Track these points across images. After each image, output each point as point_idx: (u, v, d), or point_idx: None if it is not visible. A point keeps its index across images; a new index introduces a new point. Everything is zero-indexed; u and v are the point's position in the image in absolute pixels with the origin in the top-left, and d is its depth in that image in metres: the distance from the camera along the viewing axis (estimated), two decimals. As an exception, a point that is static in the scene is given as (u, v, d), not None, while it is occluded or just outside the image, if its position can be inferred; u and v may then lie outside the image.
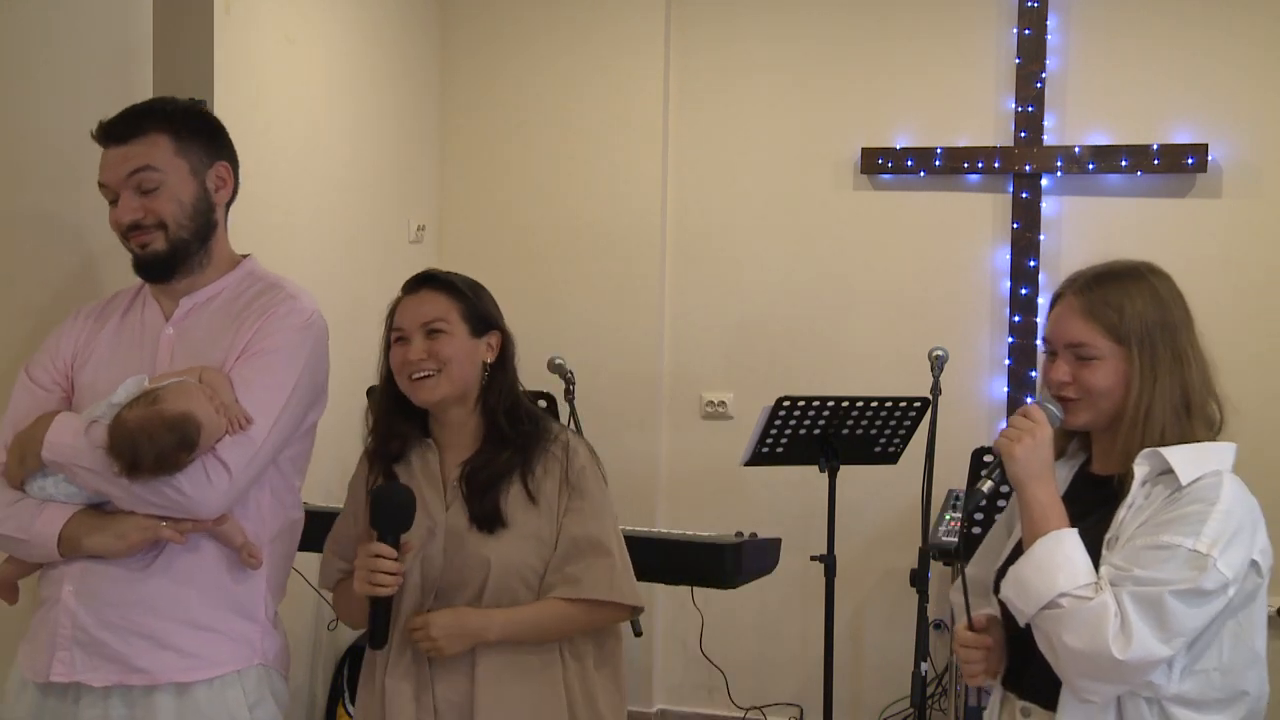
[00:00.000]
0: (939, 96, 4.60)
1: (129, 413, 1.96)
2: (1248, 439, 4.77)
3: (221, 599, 2.11)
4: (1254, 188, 4.36)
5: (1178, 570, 1.73)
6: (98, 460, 1.98)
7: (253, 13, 3.71)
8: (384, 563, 2.09)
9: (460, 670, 2.19)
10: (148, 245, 2.12)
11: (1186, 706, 1.79)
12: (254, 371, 2.09)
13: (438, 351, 2.21)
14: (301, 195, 4.04)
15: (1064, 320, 1.92)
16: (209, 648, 2.09)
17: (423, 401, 2.23)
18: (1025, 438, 1.86)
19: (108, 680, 2.04)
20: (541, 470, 2.23)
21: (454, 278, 2.32)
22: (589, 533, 2.22)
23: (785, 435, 3.73)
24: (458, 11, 4.98)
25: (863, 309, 4.68)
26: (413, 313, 2.26)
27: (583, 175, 4.86)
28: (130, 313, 2.23)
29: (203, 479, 2.00)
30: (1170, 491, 1.82)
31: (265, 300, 2.18)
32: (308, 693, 4.17)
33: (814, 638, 4.39)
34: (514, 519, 2.20)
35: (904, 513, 4.49)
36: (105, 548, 2.02)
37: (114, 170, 2.11)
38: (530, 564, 2.20)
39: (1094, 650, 1.72)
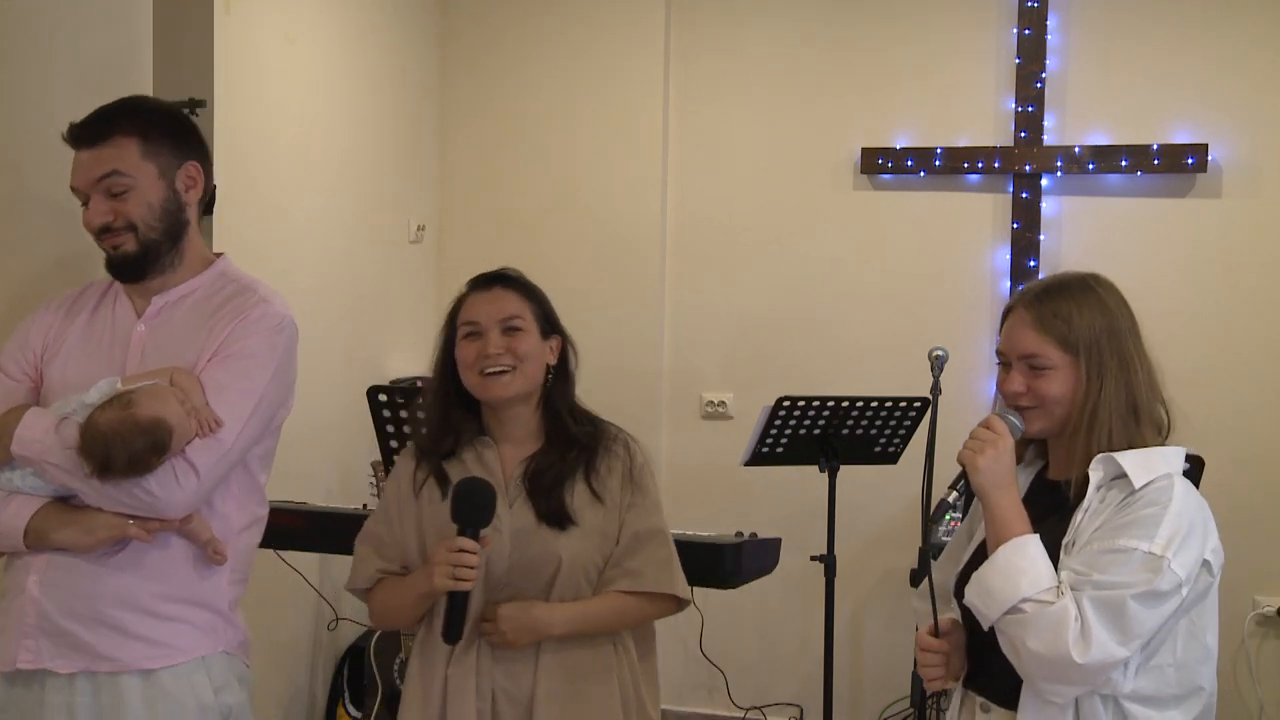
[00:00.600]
0: (939, 96, 4.60)
1: (102, 415, 1.98)
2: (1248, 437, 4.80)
3: (186, 592, 2.14)
4: (1254, 188, 4.36)
5: (1134, 573, 1.78)
6: (68, 459, 2.01)
7: (253, 13, 3.72)
8: (468, 556, 2.11)
9: (523, 664, 2.22)
10: (119, 246, 2.15)
11: (1142, 703, 1.84)
12: (226, 375, 2.11)
13: (515, 348, 2.24)
14: (301, 195, 4.04)
15: (1016, 332, 1.99)
16: (174, 636, 2.12)
17: (494, 397, 2.25)
18: (988, 449, 1.94)
19: (73, 668, 2.07)
20: (605, 468, 2.27)
21: (526, 279, 2.36)
22: (650, 526, 2.28)
23: (785, 435, 3.73)
24: (458, 11, 4.98)
25: (862, 309, 4.68)
26: (489, 308, 2.27)
27: (583, 175, 4.86)
28: (101, 308, 2.24)
29: (171, 481, 2.03)
30: (1124, 495, 1.86)
31: (238, 302, 2.19)
32: (308, 693, 4.17)
33: (814, 638, 4.39)
34: (581, 516, 2.23)
35: (904, 513, 4.49)
36: (72, 542, 2.05)
37: (84, 174, 2.14)
38: (595, 560, 2.25)
39: (1055, 654, 1.77)
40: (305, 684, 4.16)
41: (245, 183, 3.69)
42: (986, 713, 1.98)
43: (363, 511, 3.36)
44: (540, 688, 2.21)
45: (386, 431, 3.15)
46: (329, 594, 4.20)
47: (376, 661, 4.01)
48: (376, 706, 3.98)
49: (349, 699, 4.17)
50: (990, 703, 1.98)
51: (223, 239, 3.58)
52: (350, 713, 4.14)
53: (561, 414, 2.29)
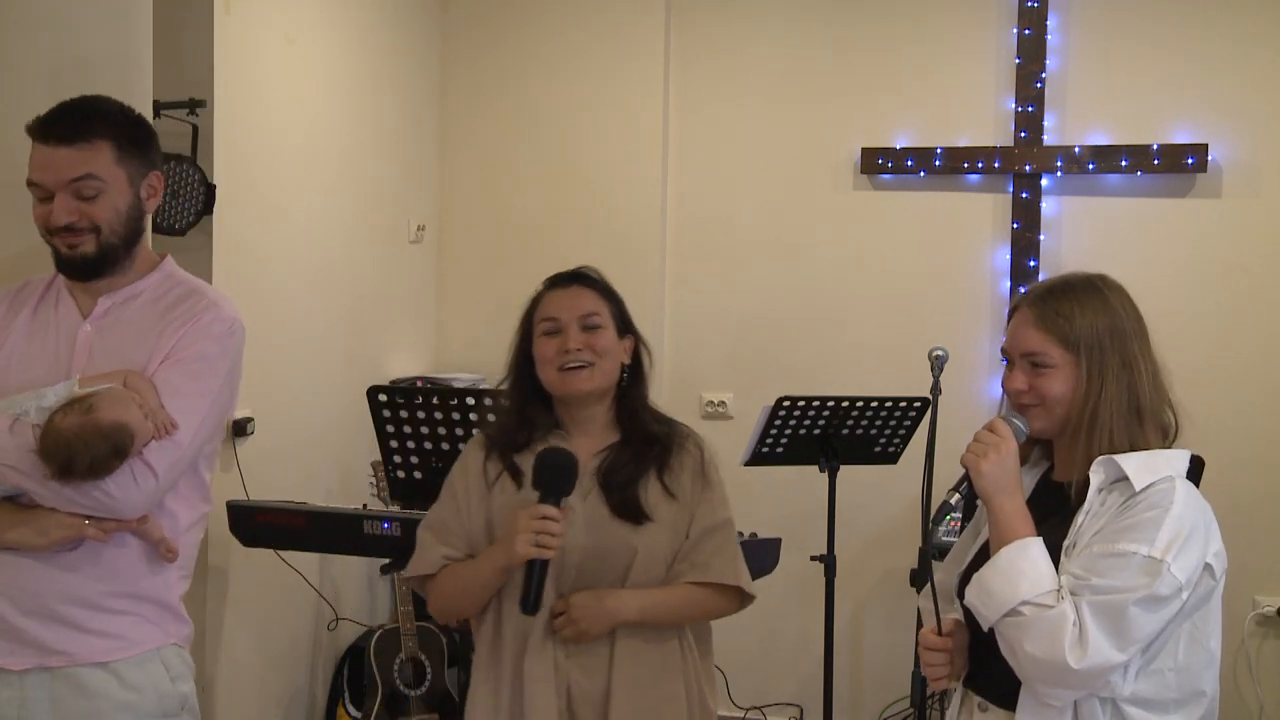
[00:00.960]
0: (939, 96, 4.60)
1: (63, 420, 1.99)
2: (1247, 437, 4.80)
3: (137, 589, 2.16)
4: (1254, 188, 4.37)
5: (1133, 577, 1.78)
6: (24, 460, 2.01)
7: (253, 13, 3.71)
8: (552, 524, 2.13)
9: (597, 659, 2.25)
10: (76, 247, 2.14)
11: (1141, 706, 1.84)
12: (179, 378, 2.13)
13: (594, 344, 2.29)
14: (301, 195, 4.04)
15: (1019, 331, 2.00)
16: (128, 629, 2.14)
17: (573, 391, 2.28)
18: (991, 453, 1.93)
19: (26, 664, 2.09)
20: (678, 465, 2.31)
21: (604, 278, 2.40)
22: (719, 520, 2.32)
23: (785, 435, 3.73)
24: (458, 11, 4.97)
25: (862, 309, 4.68)
26: (569, 305, 2.31)
27: (583, 175, 4.86)
28: (43, 306, 2.23)
29: (130, 482, 2.05)
30: (1125, 498, 1.86)
31: (188, 306, 2.20)
32: (308, 693, 4.17)
33: (814, 638, 4.39)
34: (656, 511, 2.27)
35: (904, 513, 4.49)
36: (25, 542, 2.06)
37: (55, 172, 2.12)
38: (666, 554, 2.28)
39: (1051, 659, 1.77)
40: (305, 684, 4.16)
41: (245, 183, 3.69)
42: (984, 712, 1.99)
43: (362, 512, 3.36)
44: (615, 682, 2.23)
45: (386, 431, 3.15)
46: (329, 594, 4.20)
47: (376, 661, 4.00)
48: (376, 706, 3.97)
49: (349, 699, 4.17)
50: (989, 703, 1.98)
51: (223, 239, 3.59)
52: (350, 713, 4.14)
53: (639, 411, 2.34)
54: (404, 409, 3.10)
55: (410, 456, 3.13)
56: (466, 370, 4.81)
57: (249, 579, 3.78)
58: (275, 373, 3.87)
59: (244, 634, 3.81)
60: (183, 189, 3.39)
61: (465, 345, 4.96)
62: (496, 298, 5.11)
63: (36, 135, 2.14)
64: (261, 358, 3.75)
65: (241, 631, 3.80)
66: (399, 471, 3.17)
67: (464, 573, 2.28)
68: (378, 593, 4.56)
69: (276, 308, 3.89)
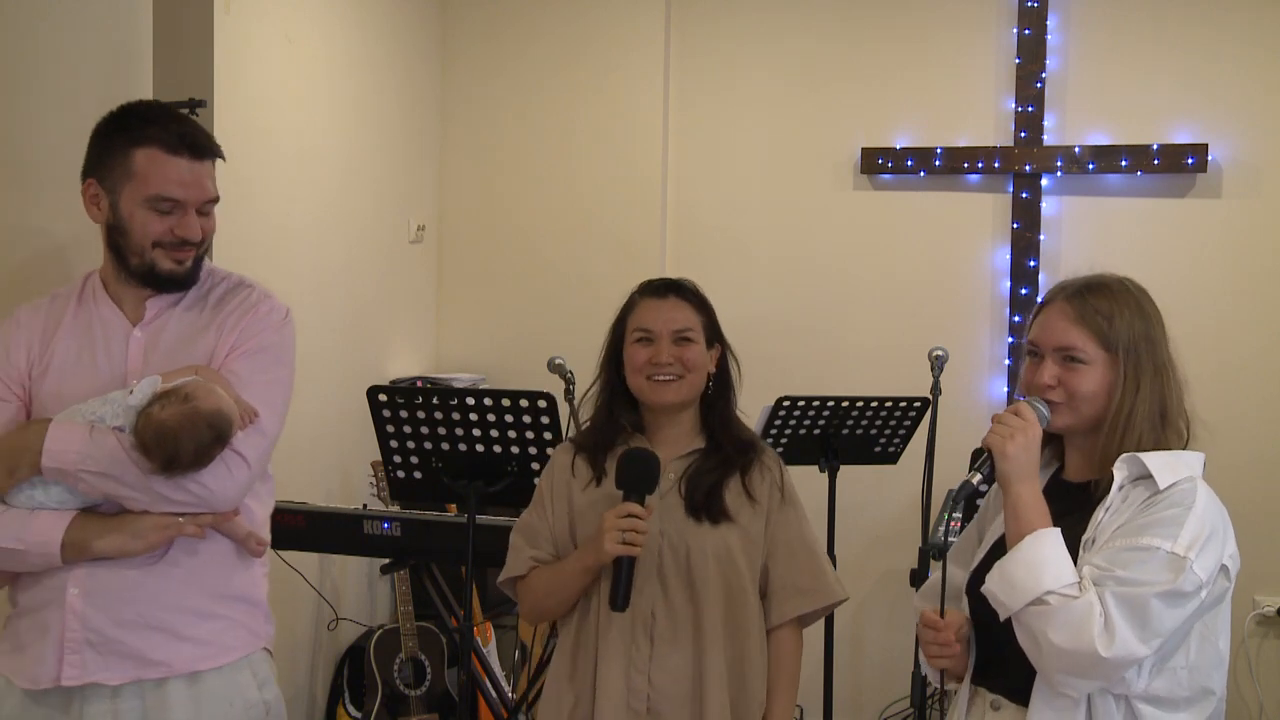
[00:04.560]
0: (939, 96, 4.60)
1: (163, 412, 1.98)
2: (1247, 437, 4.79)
3: (228, 588, 2.15)
4: (1254, 188, 4.37)
5: (1157, 572, 1.78)
6: (116, 464, 1.99)
7: (253, 12, 3.71)
8: (638, 522, 2.19)
9: (682, 658, 2.27)
10: (184, 262, 2.15)
11: (1154, 704, 1.84)
12: (249, 368, 2.13)
13: (684, 358, 2.33)
14: (301, 195, 4.04)
15: (1055, 324, 1.96)
16: (221, 635, 2.13)
17: (661, 401, 2.34)
18: (1018, 435, 1.89)
19: (125, 677, 2.06)
20: (758, 474, 2.36)
21: (699, 290, 2.44)
22: (807, 537, 2.38)
23: (785, 435, 3.73)
24: (458, 11, 4.98)
25: (863, 309, 4.68)
26: (664, 317, 2.36)
27: (583, 175, 4.86)
28: (81, 317, 2.20)
29: (224, 472, 2.05)
30: (1148, 495, 1.86)
31: (240, 300, 2.21)
32: (308, 693, 4.17)
33: (814, 638, 4.38)
34: (736, 513, 2.31)
35: (904, 513, 4.49)
36: (121, 548, 2.04)
37: (198, 189, 2.12)
38: (748, 557, 2.31)
39: (1078, 647, 1.77)
40: (305, 684, 4.16)
41: (245, 183, 3.69)
42: (997, 710, 1.97)
43: (362, 512, 3.36)
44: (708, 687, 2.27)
45: (386, 431, 3.15)
46: (329, 594, 4.20)
47: (376, 661, 4.01)
48: (376, 706, 3.98)
49: (349, 699, 4.17)
50: (1001, 699, 1.97)
51: (222, 239, 3.56)
52: (350, 713, 4.14)
53: (727, 419, 2.39)
54: (404, 409, 3.10)
55: (410, 456, 3.13)
56: (466, 370, 4.81)
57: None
58: (275, 373, 3.87)
59: (244, 634, 3.81)
60: (183, 189, 3.38)
61: (465, 345, 4.96)
62: (496, 298, 5.13)
63: (166, 148, 2.10)
64: (261, 358, 3.76)
65: (241, 631, 3.79)
66: (399, 471, 3.17)
67: (552, 573, 2.33)
68: (378, 593, 4.56)
69: (276, 308, 3.89)
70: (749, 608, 2.31)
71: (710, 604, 2.27)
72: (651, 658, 2.27)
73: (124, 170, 2.09)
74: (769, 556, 2.34)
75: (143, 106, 2.17)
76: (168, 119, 2.13)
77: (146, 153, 2.08)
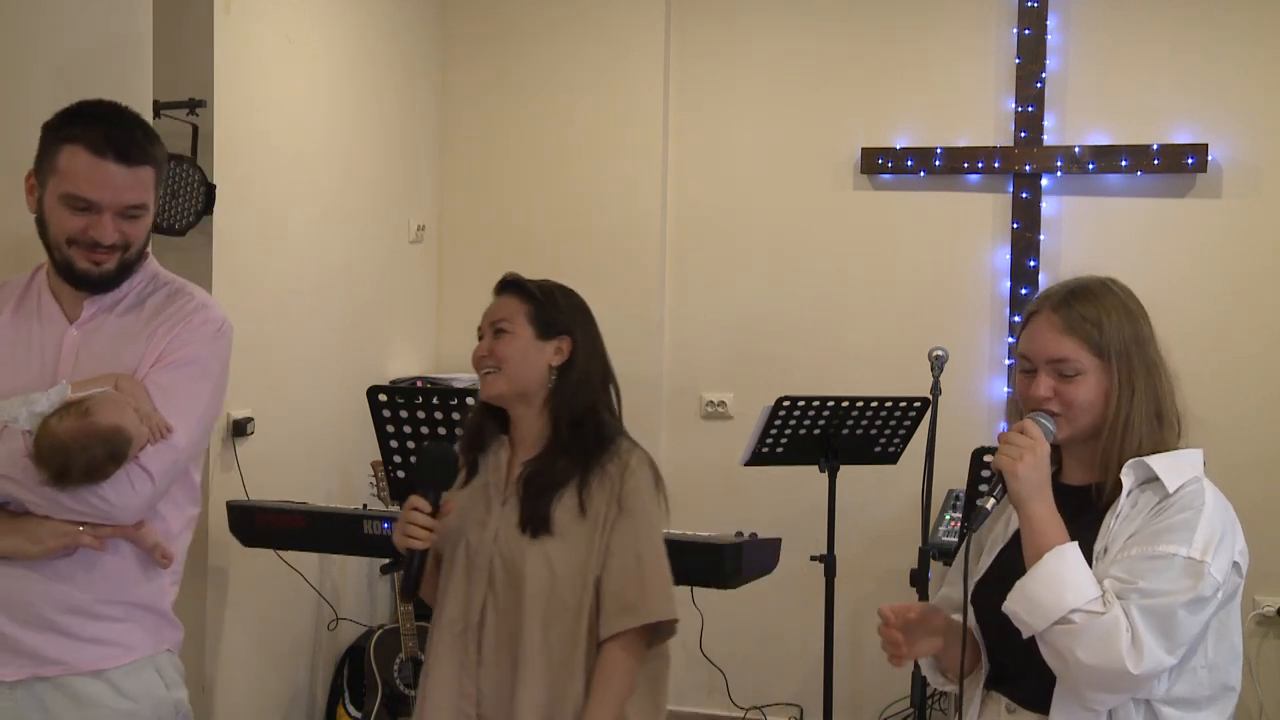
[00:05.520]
0: (939, 96, 4.60)
1: (60, 425, 1.96)
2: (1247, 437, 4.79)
3: (131, 595, 2.13)
4: (1254, 188, 4.36)
5: (1177, 580, 1.78)
6: (16, 467, 1.98)
7: (253, 12, 3.72)
8: (419, 516, 2.18)
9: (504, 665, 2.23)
10: (103, 264, 2.11)
11: (1176, 705, 1.84)
12: (173, 380, 2.11)
13: (496, 349, 2.31)
14: (301, 195, 4.04)
15: (1045, 336, 1.94)
16: (123, 636, 2.12)
17: (484, 396, 2.34)
18: (1027, 455, 1.87)
19: (19, 674, 2.05)
20: (596, 484, 2.25)
21: (532, 282, 2.40)
22: (641, 550, 2.25)
23: (785, 435, 3.73)
24: (458, 11, 4.97)
25: (863, 309, 4.68)
26: (489, 312, 2.38)
27: (583, 175, 4.86)
28: (23, 310, 2.19)
29: (126, 487, 2.02)
30: (1158, 500, 1.86)
31: (176, 308, 2.18)
32: (308, 693, 4.17)
33: (814, 638, 4.39)
34: (563, 528, 2.23)
35: (904, 513, 4.48)
36: (18, 550, 2.03)
37: (113, 193, 2.07)
38: (574, 573, 2.23)
39: (1108, 665, 1.76)
40: (305, 684, 4.16)
41: (245, 183, 3.69)
42: (1012, 714, 1.96)
43: (362, 512, 3.36)
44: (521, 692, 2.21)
45: (386, 431, 3.15)
46: (329, 594, 4.20)
47: (376, 661, 4.01)
48: (376, 707, 3.98)
49: (349, 699, 4.17)
50: (1016, 705, 1.95)
51: (222, 239, 3.59)
52: (350, 713, 4.14)
53: (577, 418, 2.29)
54: (404, 409, 3.10)
55: (410, 456, 3.13)
56: (466, 370, 4.78)
57: (249, 579, 3.78)
58: (275, 373, 3.88)
59: (244, 634, 3.81)
60: (182, 189, 3.39)
61: (465, 345, 4.87)
62: (496, 298, 5.12)
63: (90, 148, 2.07)
64: (262, 358, 3.76)
65: (241, 631, 3.80)
66: (399, 471, 3.17)
67: None
68: (378, 593, 4.56)
69: (276, 308, 3.89)
70: (568, 623, 2.21)
71: (530, 615, 2.21)
72: (480, 663, 2.24)
73: (50, 165, 2.08)
74: (603, 569, 2.23)
75: (88, 106, 2.13)
76: (106, 121, 2.10)
77: (71, 150, 2.06)
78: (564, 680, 2.22)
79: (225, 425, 3.64)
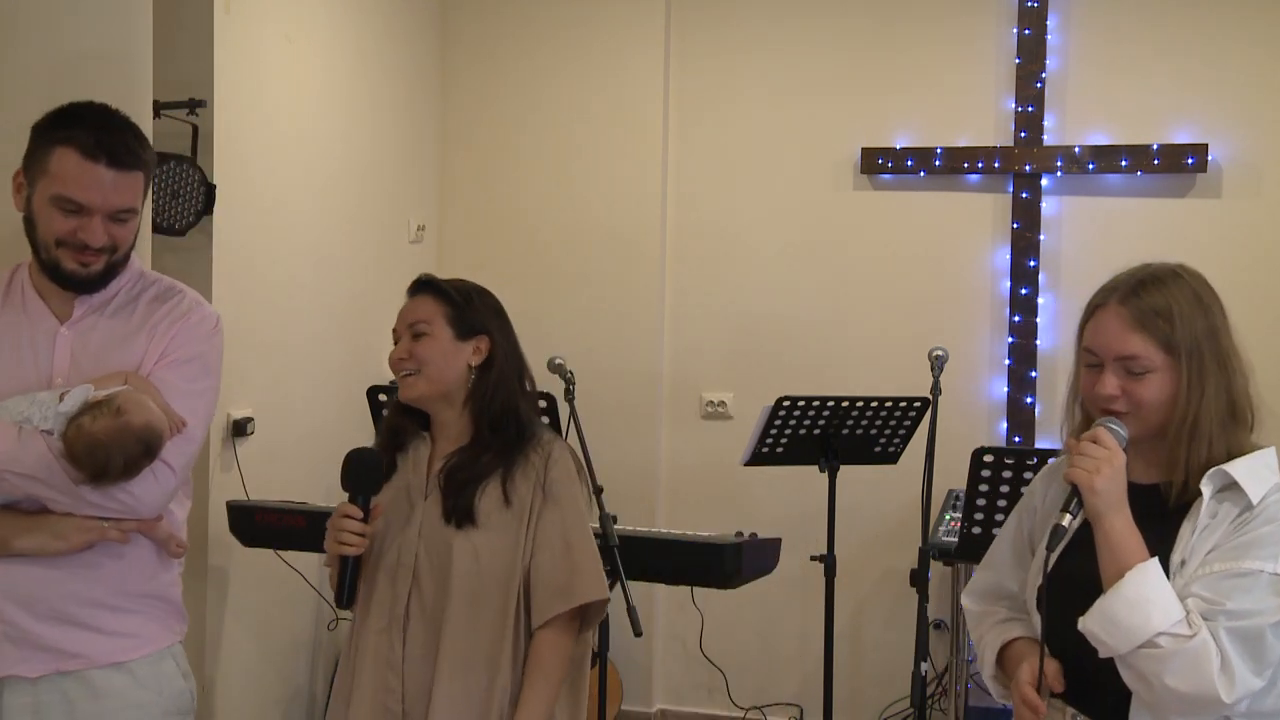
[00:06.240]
0: (939, 96, 4.60)
1: (94, 424, 1.99)
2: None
3: (146, 587, 2.18)
4: (1254, 188, 4.37)
5: (1265, 598, 1.72)
6: (44, 468, 2.00)
7: (253, 12, 3.71)
8: (350, 523, 2.22)
9: (427, 658, 2.23)
10: (90, 265, 2.12)
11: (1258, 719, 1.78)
12: (179, 378, 2.16)
13: (416, 351, 2.31)
14: (301, 195, 4.04)
15: (1113, 331, 1.85)
16: (140, 628, 2.16)
17: (404, 398, 2.34)
18: (1104, 468, 1.79)
19: (43, 669, 2.08)
20: (520, 475, 2.27)
21: (447, 283, 2.38)
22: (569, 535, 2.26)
23: (785, 435, 3.73)
24: (458, 11, 4.98)
25: (862, 309, 4.68)
26: (405, 314, 2.37)
27: (583, 175, 4.86)
28: (8, 308, 2.19)
29: (151, 481, 2.07)
30: (1239, 510, 1.79)
31: (171, 306, 2.22)
32: (308, 693, 4.17)
33: (814, 638, 4.39)
34: (486, 518, 2.24)
35: (904, 513, 4.49)
36: (42, 547, 2.06)
37: (102, 197, 2.08)
38: (500, 563, 2.23)
39: (1199, 692, 1.70)
40: (305, 684, 4.16)
41: (245, 182, 3.69)
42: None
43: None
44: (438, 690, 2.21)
45: (386, 431, 3.15)
46: (329, 594, 4.19)
47: (376, 661, 4.00)
48: (376, 706, 3.97)
49: (349, 699, 4.17)
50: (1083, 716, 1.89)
51: (223, 239, 3.59)
52: (350, 713, 4.14)
53: (496, 414, 2.30)
54: (404, 409, 3.10)
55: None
56: (466, 370, 4.81)
57: (249, 579, 3.78)
58: (275, 372, 3.88)
59: (244, 634, 3.81)
60: (182, 189, 3.39)
61: (465, 345, 4.96)
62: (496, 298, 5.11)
63: (82, 151, 2.07)
64: (261, 357, 3.76)
65: (241, 631, 3.80)
66: (399, 471, 3.17)
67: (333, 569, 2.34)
68: (378, 593, 4.55)
69: (276, 307, 3.89)
70: (494, 613, 2.21)
71: (455, 607, 2.22)
72: (405, 658, 2.24)
73: (41, 166, 2.09)
74: (532, 559, 2.24)
75: (80, 108, 2.14)
76: (98, 124, 2.11)
77: (62, 152, 2.07)
78: (489, 672, 2.21)
79: (225, 425, 3.64)
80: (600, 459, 2.42)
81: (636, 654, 4.69)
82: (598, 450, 3.05)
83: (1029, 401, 4.47)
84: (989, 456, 3.27)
